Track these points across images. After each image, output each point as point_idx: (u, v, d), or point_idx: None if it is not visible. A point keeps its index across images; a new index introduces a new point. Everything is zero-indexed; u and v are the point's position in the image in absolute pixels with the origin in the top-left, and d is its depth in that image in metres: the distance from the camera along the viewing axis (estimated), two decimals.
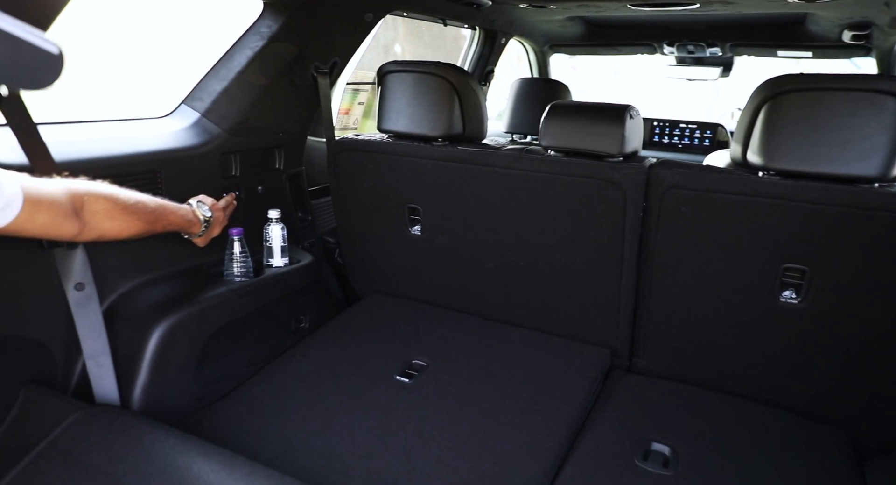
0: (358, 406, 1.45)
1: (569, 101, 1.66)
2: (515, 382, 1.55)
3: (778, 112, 1.31)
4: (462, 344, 1.73)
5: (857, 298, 1.33)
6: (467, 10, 2.32)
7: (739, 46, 3.05)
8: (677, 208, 1.44)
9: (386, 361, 1.64)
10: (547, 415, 1.43)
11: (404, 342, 1.74)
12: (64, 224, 0.99)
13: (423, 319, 1.88)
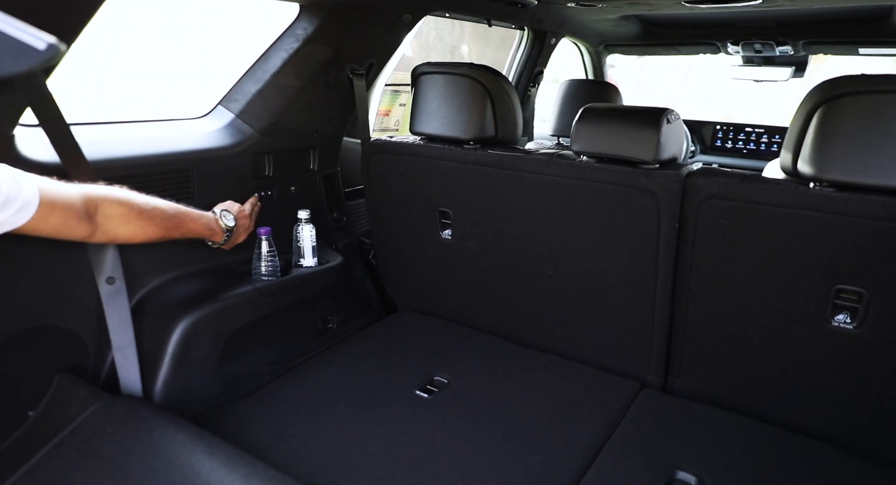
0: (373, 416, 1.44)
1: (602, 104, 1.58)
2: (535, 407, 1.51)
3: (833, 117, 1.18)
4: (486, 365, 1.70)
5: None
6: (512, 10, 2.26)
7: (814, 44, 2.81)
8: (716, 220, 1.33)
9: (407, 376, 1.63)
10: (563, 443, 1.37)
11: (429, 359, 1.73)
12: (76, 226, 1.03)
13: (450, 337, 1.86)
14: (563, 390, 1.58)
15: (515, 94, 1.73)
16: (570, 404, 1.52)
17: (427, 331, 1.90)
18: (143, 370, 1.37)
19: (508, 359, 1.74)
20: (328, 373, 1.64)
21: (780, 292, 1.32)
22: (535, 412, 1.48)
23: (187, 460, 1.09)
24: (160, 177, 1.46)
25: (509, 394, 1.56)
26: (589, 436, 1.40)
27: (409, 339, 1.85)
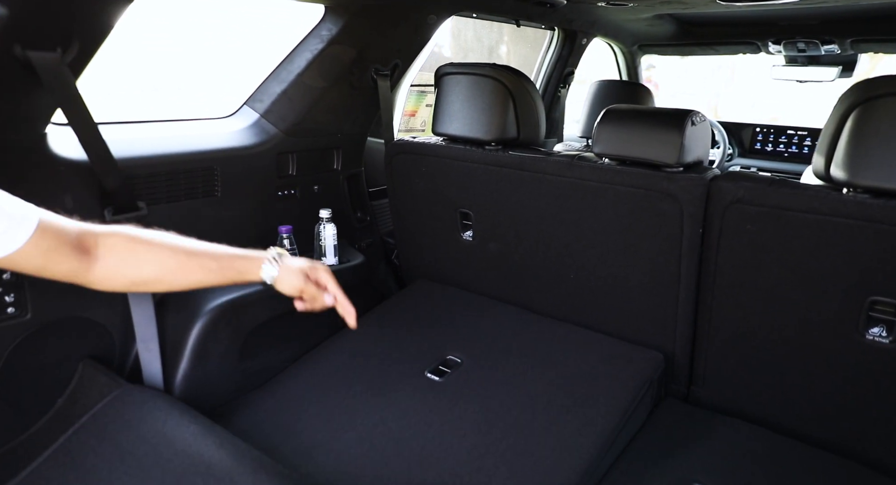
0: (383, 405, 1.43)
1: (625, 106, 1.54)
2: (550, 387, 1.45)
3: (869, 120, 1.12)
4: (501, 340, 1.64)
5: None
6: (541, 10, 2.23)
7: (863, 42, 2.67)
8: (742, 226, 1.28)
9: (420, 356, 1.60)
10: (578, 428, 1.32)
11: (442, 335, 1.68)
12: (68, 256, 0.86)
13: (465, 309, 1.80)
14: (581, 366, 1.51)
15: (538, 95, 1.71)
16: (588, 383, 1.45)
17: (442, 303, 1.85)
18: (164, 363, 1.40)
19: (524, 331, 1.68)
20: (340, 358, 1.62)
21: (810, 302, 1.25)
22: (550, 393, 1.42)
23: (197, 451, 1.11)
24: (185, 175, 1.50)
25: (524, 373, 1.50)
26: (604, 420, 1.34)
27: (422, 314, 1.80)
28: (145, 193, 1.43)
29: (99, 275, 0.91)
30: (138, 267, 0.94)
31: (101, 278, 0.92)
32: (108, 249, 0.92)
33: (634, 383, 1.44)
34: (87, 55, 1.14)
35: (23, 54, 1.02)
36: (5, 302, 1.22)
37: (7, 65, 1.02)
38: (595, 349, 1.56)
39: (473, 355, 1.59)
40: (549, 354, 1.56)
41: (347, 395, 1.47)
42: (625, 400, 1.39)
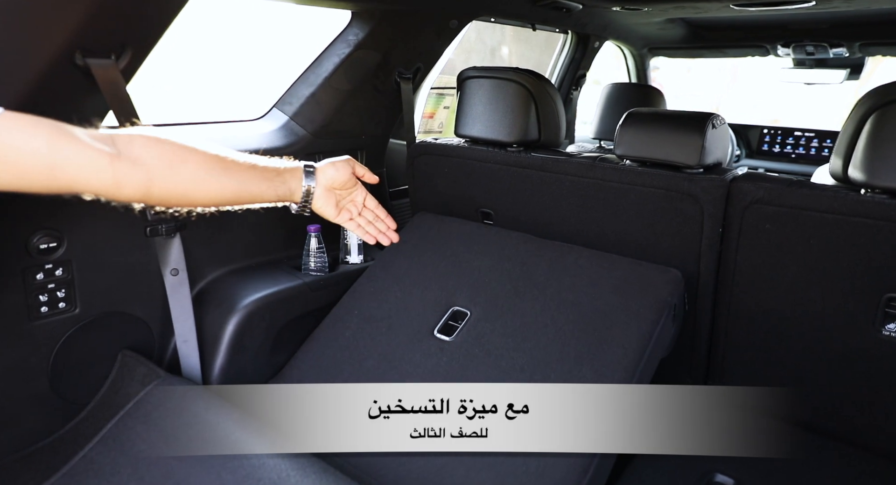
0: (398, 378, 1.43)
1: (647, 109, 1.59)
2: (563, 332, 1.37)
3: (888, 122, 1.17)
4: (508, 279, 1.55)
5: None
6: (556, 15, 2.28)
7: (871, 45, 2.72)
8: (761, 226, 1.33)
9: (426, 312, 1.55)
10: (599, 379, 1.28)
11: (448, 280, 1.60)
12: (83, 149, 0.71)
13: (468, 243, 1.69)
14: (593, 301, 1.42)
15: (560, 98, 1.76)
16: (604, 321, 1.36)
17: (442, 239, 1.74)
18: (202, 356, 1.46)
19: (534, 262, 1.57)
20: (349, 328, 1.59)
21: (827, 299, 1.30)
22: (562, 341, 1.36)
23: (237, 438, 1.16)
24: None
25: (534, 319, 1.42)
26: (623, 370, 1.27)
27: (424, 253, 1.70)
28: None
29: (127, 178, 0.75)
30: (174, 168, 0.81)
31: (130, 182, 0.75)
32: (131, 144, 0.77)
33: (653, 313, 1.35)
34: (138, 61, 1.19)
35: (83, 61, 1.07)
36: (57, 297, 1.27)
37: (67, 72, 1.07)
38: (608, 275, 1.46)
39: (480, 304, 1.52)
40: (559, 291, 1.46)
41: (361, 371, 1.47)
42: (644, 337, 1.32)
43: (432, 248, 1.73)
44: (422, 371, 1.44)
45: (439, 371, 1.42)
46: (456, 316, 1.54)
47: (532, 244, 1.63)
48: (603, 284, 1.45)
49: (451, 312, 1.54)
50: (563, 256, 1.56)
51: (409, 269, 1.69)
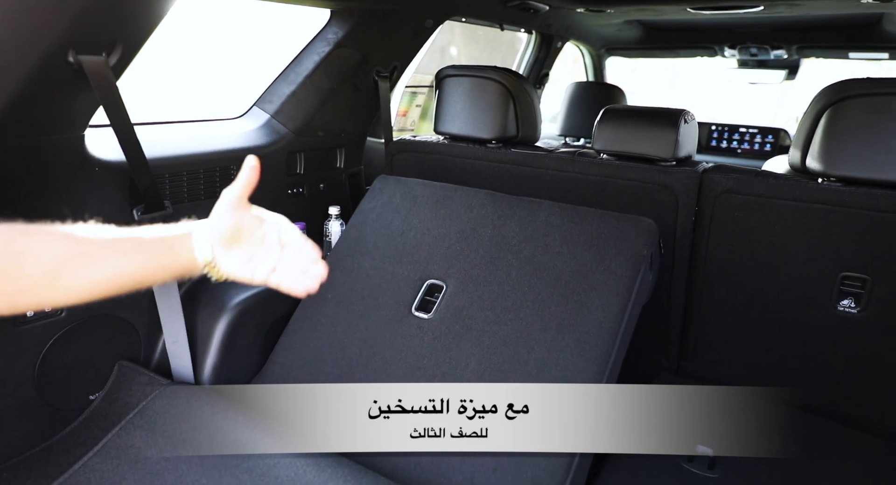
0: (382, 365, 1.41)
1: (623, 105, 1.68)
2: (542, 300, 1.34)
3: (841, 117, 1.29)
4: (481, 245, 1.49)
5: None
6: (524, 15, 2.36)
7: (807, 49, 2.95)
8: (730, 214, 1.44)
9: (401, 289, 1.50)
10: (580, 350, 1.26)
11: (419, 254, 1.54)
12: None
13: (436, 209, 1.61)
14: (568, 262, 1.37)
15: (536, 96, 1.83)
16: (581, 283, 1.33)
17: (409, 205, 1.64)
18: (192, 357, 1.44)
19: (502, 231, 1.50)
20: (326, 313, 1.53)
21: (790, 280, 1.43)
22: (541, 308, 1.33)
23: (249, 438, 1.16)
24: (206, 174, 1.53)
25: (511, 288, 1.39)
26: (605, 338, 1.26)
27: (392, 223, 1.62)
28: (169, 192, 1.46)
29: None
30: (17, 261, 0.64)
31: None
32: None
33: (630, 269, 1.33)
34: (128, 58, 1.17)
35: (75, 59, 1.05)
36: None
37: (60, 69, 1.05)
38: (581, 230, 1.41)
39: (455, 275, 1.47)
40: (534, 254, 1.42)
41: (343, 360, 1.44)
42: (623, 298, 1.31)
43: (399, 216, 1.63)
44: (404, 354, 1.41)
45: (422, 352, 1.39)
46: (432, 290, 1.48)
47: (501, 203, 1.56)
48: (576, 241, 1.40)
49: (426, 287, 1.49)
50: (533, 213, 1.50)
51: (378, 242, 1.61)
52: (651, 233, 1.38)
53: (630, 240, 1.36)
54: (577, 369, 1.24)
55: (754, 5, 2.03)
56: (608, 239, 1.38)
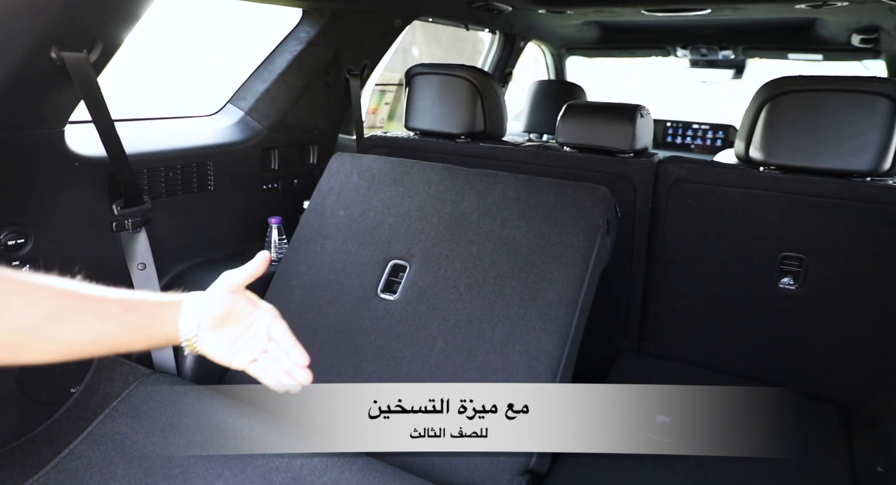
0: (353, 349, 1.44)
1: (583, 101, 1.79)
2: (503, 275, 1.37)
3: (778, 111, 1.42)
4: (441, 223, 1.50)
5: (850, 285, 1.43)
6: (488, 16, 2.45)
7: (751, 49, 3.15)
8: (684, 201, 1.56)
9: (366, 271, 1.51)
10: (542, 324, 1.30)
11: (380, 234, 1.54)
12: None
13: (394, 185, 1.60)
14: (527, 236, 1.40)
15: (502, 92, 1.92)
16: (538, 256, 1.36)
17: (368, 183, 1.63)
18: (174, 348, 1.47)
19: (462, 206, 1.50)
20: (293, 296, 1.54)
21: (738, 261, 1.55)
22: (502, 284, 1.36)
23: (232, 424, 1.20)
24: (183, 170, 1.56)
25: (473, 265, 1.41)
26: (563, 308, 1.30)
27: (354, 204, 1.61)
28: (147, 187, 1.48)
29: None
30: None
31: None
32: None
33: (586, 240, 1.36)
34: (108, 55, 1.20)
35: (58, 55, 1.08)
36: None
37: (43, 65, 1.08)
38: (537, 203, 1.43)
39: (418, 254, 1.48)
40: (493, 229, 1.44)
41: (315, 346, 1.34)
42: (581, 269, 1.34)
43: (358, 196, 1.63)
44: (374, 337, 1.44)
45: (390, 334, 1.42)
46: (396, 270, 1.50)
47: (458, 177, 1.56)
48: (533, 214, 1.42)
49: (390, 267, 1.50)
50: (490, 187, 1.50)
51: (339, 224, 1.60)
52: (605, 200, 1.40)
53: (585, 210, 1.38)
54: (540, 342, 1.29)
55: (702, 8, 2.17)
56: (564, 210, 1.40)
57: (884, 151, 1.31)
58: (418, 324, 1.41)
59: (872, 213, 1.35)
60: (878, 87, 1.30)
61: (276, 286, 1.60)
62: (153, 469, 1.14)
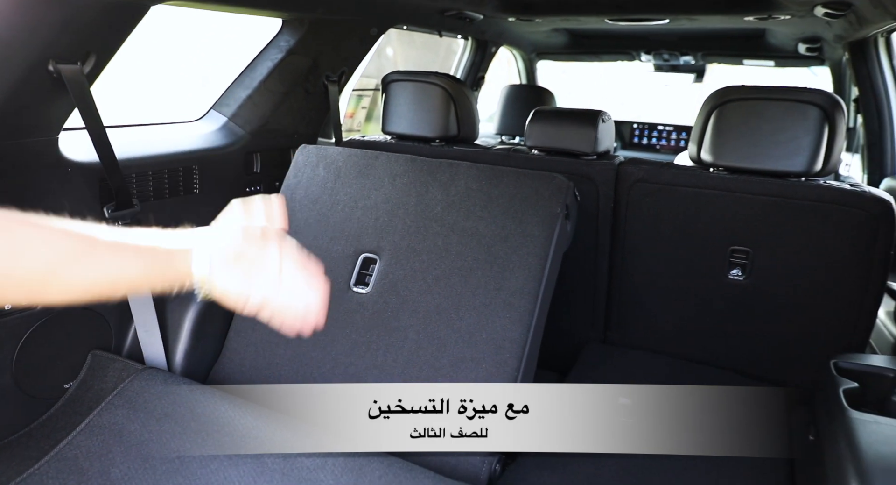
0: (328, 342, 1.48)
1: (550, 108, 1.91)
2: (469, 266, 1.42)
3: (724, 118, 1.56)
4: (408, 215, 1.52)
5: (789, 275, 1.58)
6: (461, 24, 2.56)
7: (710, 55, 3.33)
8: (642, 200, 1.69)
9: (338, 265, 1.54)
10: (507, 313, 1.36)
11: (349, 227, 1.57)
12: None
13: (360, 178, 1.62)
14: (489, 225, 1.44)
15: (475, 98, 2.03)
16: (502, 246, 1.41)
17: (334, 175, 1.65)
18: (165, 345, 1.54)
19: (427, 199, 1.53)
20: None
21: (692, 255, 1.69)
22: (468, 272, 1.41)
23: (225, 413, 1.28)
24: (171, 174, 1.63)
25: (439, 257, 1.46)
26: (526, 296, 1.35)
27: (322, 198, 1.63)
28: (136, 190, 1.55)
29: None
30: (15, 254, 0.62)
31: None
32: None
33: (546, 230, 1.40)
34: (100, 66, 1.27)
35: (56, 68, 1.15)
36: None
37: (41, 78, 1.15)
38: (498, 193, 1.46)
39: (387, 247, 1.52)
40: (457, 221, 1.47)
41: (293, 341, 1.50)
42: (542, 257, 1.38)
43: (325, 190, 1.64)
44: (349, 331, 1.48)
45: (364, 326, 1.47)
46: (367, 263, 1.53)
47: (421, 169, 1.57)
48: (495, 204, 1.46)
49: (361, 261, 1.53)
50: (453, 178, 1.53)
51: (308, 217, 1.63)
52: (563, 188, 1.44)
53: (544, 199, 1.42)
54: (505, 330, 1.35)
55: (660, 18, 2.31)
56: (524, 200, 1.44)
57: (815, 155, 1.46)
58: (390, 316, 1.46)
59: (806, 210, 1.49)
60: (810, 96, 1.44)
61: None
62: (150, 456, 1.22)
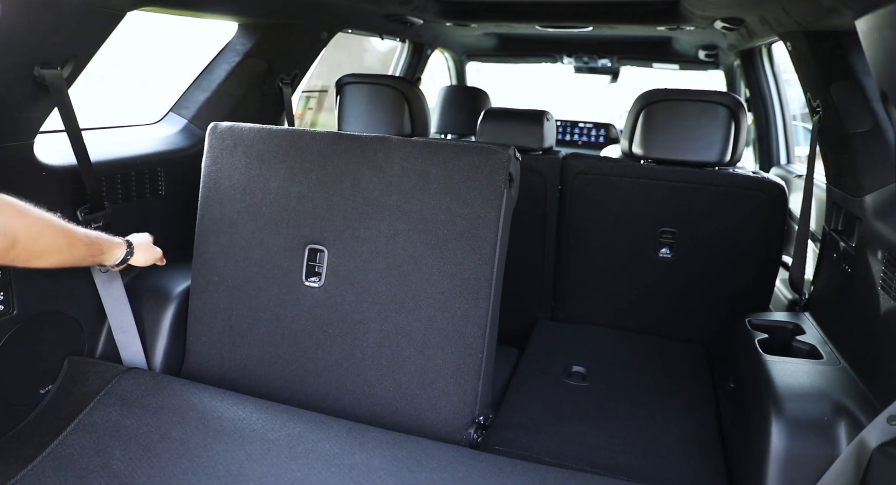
0: (289, 338, 1.48)
1: (500, 108, 2.08)
2: (420, 253, 1.38)
3: (651, 116, 1.81)
4: (345, 202, 1.44)
5: (709, 251, 1.86)
6: (401, 27, 2.68)
7: (624, 59, 3.67)
8: (584, 189, 1.90)
9: (285, 260, 1.49)
10: (464, 297, 1.35)
11: (289, 217, 1.49)
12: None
13: (287, 162, 1.50)
14: (434, 212, 1.37)
15: (426, 99, 2.17)
16: (448, 232, 1.35)
17: (258, 160, 1.52)
18: (143, 344, 1.55)
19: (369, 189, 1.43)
20: (219, 295, 1.54)
21: (628, 237, 1.93)
22: (421, 264, 1.37)
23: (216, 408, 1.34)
24: (137, 176, 1.64)
25: (386, 246, 1.40)
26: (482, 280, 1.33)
27: (251, 186, 1.52)
28: (106, 193, 1.55)
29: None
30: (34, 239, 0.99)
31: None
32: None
33: (493, 210, 1.34)
34: (78, 70, 1.29)
35: (39, 73, 1.17)
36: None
37: (25, 82, 1.16)
38: (437, 172, 1.37)
39: (331, 237, 1.45)
40: (400, 205, 1.39)
41: (256, 340, 1.51)
42: (491, 237, 1.34)
43: (251, 178, 1.52)
44: (310, 327, 1.46)
45: (325, 320, 1.45)
46: (314, 254, 1.47)
47: (352, 147, 1.45)
48: (435, 184, 1.37)
49: (308, 252, 1.47)
50: (389, 158, 1.41)
51: (241, 209, 1.52)
52: (503, 161, 1.34)
53: (486, 176, 1.33)
54: (466, 315, 1.35)
55: (585, 26, 2.56)
56: (465, 180, 1.35)
57: (725, 147, 1.73)
58: (348, 310, 1.43)
59: (721, 194, 1.77)
60: (719, 98, 1.72)
61: (198, 284, 1.57)
62: (151, 444, 1.25)
